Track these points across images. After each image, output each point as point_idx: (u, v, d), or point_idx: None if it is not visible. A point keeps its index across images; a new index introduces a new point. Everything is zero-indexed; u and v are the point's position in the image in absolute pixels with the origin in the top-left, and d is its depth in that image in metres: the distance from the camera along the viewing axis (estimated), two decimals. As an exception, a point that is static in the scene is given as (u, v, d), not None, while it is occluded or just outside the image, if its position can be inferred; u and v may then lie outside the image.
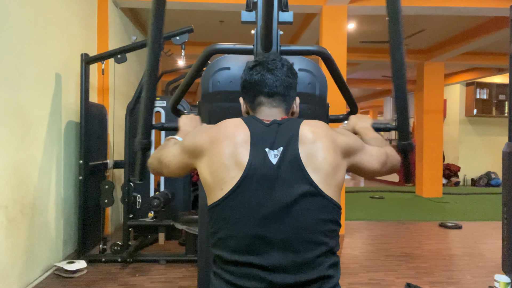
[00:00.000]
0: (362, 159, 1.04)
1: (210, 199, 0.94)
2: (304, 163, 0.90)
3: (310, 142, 0.93)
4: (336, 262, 0.94)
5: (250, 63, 1.08)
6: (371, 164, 1.05)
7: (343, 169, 0.98)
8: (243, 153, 0.91)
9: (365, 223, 5.09)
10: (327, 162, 0.92)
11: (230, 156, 0.91)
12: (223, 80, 1.36)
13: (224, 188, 0.90)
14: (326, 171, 0.91)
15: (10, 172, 2.49)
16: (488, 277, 3.07)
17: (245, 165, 0.90)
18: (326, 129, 0.98)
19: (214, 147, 0.94)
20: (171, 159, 1.06)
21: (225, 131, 0.96)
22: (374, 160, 1.06)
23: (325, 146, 0.93)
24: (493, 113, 9.91)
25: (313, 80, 1.38)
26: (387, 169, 1.11)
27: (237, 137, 0.93)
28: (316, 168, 0.90)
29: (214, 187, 0.92)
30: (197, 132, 1.03)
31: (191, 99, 12.59)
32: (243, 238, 0.89)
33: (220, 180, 0.91)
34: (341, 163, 0.97)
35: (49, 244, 3.06)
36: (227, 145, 0.92)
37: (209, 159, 0.94)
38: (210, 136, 0.97)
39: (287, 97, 1.06)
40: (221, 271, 0.93)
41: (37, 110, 2.88)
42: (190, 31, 3.36)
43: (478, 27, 5.74)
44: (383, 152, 1.10)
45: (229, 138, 0.93)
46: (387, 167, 1.10)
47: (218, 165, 0.92)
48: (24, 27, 2.65)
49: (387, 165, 1.10)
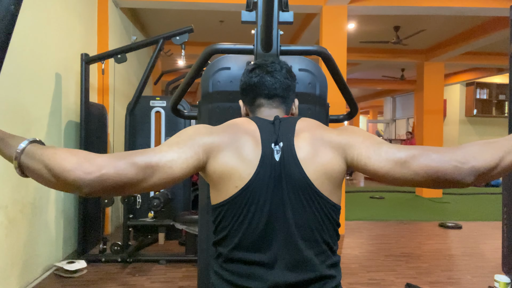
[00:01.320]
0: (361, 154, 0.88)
1: (220, 196, 0.92)
2: (300, 160, 0.90)
3: (304, 139, 0.92)
4: (337, 262, 0.94)
5: (250, 66, 1.09)
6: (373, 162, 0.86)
7: (340, 166, 0.91)
8: (256, 150, 0.90)
9: (365, 223, 5.09)
10: (322, 159, 0.90)
11: (248, 153, 0.90)
12: (223, 80, 1.36)
13: (238, 186, 0.88)
14: (321, 169, 0.90)
15: (10, 172, 2.49)
16: (488, 277, 3.07)
17: (258, 162, 0.89)
18: (322, 126, 0.98)
19: (231, 144, 0.91)
20: (175, 158, 0.85)
21: (241, 128, 0.95)
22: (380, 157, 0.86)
23: (319, 143, 0.92)
24: (493, 113, 9.91)
25: (313, 80, 1.38)
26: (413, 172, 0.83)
27: (252, 134, 0.93)
28: (311, 166, 0.90)
29: (228, 184, 0.89)
30: (211, 130, 0.95)
31: (191, 99, 12.60)
32: (249, 235, 0.89)
33: (236, 177, 0.88)
34: (338, 160, 0.92)
35: (49, 244, 3.06)
36: (245, 142, 0.91)
37: (224, 156, 0.90)
38: (230, 133, 0.93)
39: (286, 99, 1.07)
40: (222, 270, 0.93)
41: (37, 110, 2.88)
42: (190, 31, 3.36)
43: (478, 27, 5.75)
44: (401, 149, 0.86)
45: (246, 135, 0.92)
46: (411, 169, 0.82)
47: (237, 161, 0.89)
48: (24, 27, 2.65)
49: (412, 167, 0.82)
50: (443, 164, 0.80)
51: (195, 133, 0.92)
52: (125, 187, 0.79)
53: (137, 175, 0.80)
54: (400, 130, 13.49)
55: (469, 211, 5.99)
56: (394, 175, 0.84)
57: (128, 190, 0.81)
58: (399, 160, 0.84)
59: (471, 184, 0.82)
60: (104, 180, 0.76)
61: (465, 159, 0.80)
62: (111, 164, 0.78)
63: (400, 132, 13.52)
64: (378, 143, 0.89)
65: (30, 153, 0.78)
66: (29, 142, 0.80)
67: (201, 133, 0.92)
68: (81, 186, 0.75)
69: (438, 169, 0.81)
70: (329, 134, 0.94)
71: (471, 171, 0.80)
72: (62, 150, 0.79)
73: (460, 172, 0.80)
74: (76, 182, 0.75)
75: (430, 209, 6.17)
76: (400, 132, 13.52)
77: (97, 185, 0.76)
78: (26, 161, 0.79)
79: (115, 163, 0.78)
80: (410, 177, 0.83)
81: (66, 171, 0.75)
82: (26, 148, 0.79)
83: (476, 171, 0.80)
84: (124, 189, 0.80)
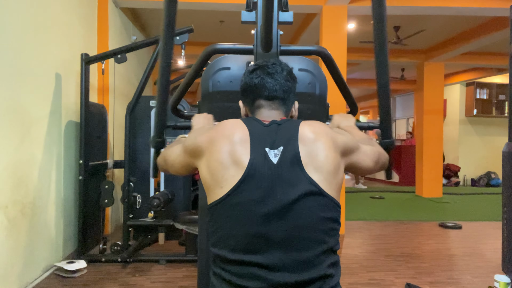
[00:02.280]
0: (359, 158, 1.05)
1: (210, 198, 0.95)
2: (304, 163, 0.91)
3: (310, 141, 0.94)
4: (336, 261, 0.94)
5: (251, 67, 1.10)
6: (366, 163, 1.07)
7: (343, 168, 1.00)
8: (242, 152, 0.92)
9: (365, 223, 5.09)
10: (328, 161, 0.93)
11: (229, 154, 0.92)
12: (223, 80, 1.36)
13: (224, 187, 0.91)
14: (327, 170, 0.92)
15: (10, 172, 2.49)
16: (488, 277, 3.07)
17: (246, 164, 0.90)
18: (326, 129, 0.99)
19: (213, 146, 0.95)
20: (175, 158, 1.10)
21: (223, 131, 0.97)
22: (369, 159, 1.08)
23: (325, 146, 0.94)
24: (493, 113, 9.91)
25: (313, 80, 1.38)
26: (379, 166, 1.14)
27: (236, 136, 0.94)
28: (317, 167, 0.91)
29: (213, 186, 0.93)
30: (198, 133, 1.05)
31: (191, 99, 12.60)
32: (244, 237, 0.89)
33: (219, 178, 0.92)
34: (341, 162, 0.98)
35: (49, 244, 3.06)
36: (225, 144, 0.94)
37: (208, 158, 0.96)
38: (209, 136, 0.98)
39: (287, 101, 1.08)
40: (221, 271, 0.93)
41: (37, 110, 2.88)
42: (190, 31, 3.36)
43: (478, 27, 5.75)
44: (375, 151, 1.12)
45: (227, 137, 0.95)
46: (379, 165, 1.13)
47: (216, 163, 0.93)
48: (24, 27, 2.65)
49: (379, 163, 1.13)
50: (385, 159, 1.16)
51: (190, 135, 1.08)
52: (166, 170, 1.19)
53: (165, 165, 1.18)
54: (400, 130, 13.49)
55: (469, 211, 5.99)
56: (371, 170, 1.11)
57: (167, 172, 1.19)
58: (377, 160, 1.11)
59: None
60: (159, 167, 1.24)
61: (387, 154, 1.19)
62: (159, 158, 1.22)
63: (400, 132, 13.51)
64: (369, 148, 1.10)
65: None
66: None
67: (191, 136, 1.06)
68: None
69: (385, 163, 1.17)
70: (332, 136, 0.98)
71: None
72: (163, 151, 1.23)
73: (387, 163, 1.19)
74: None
75: (430, 209, 6.17)
76: (400, 132, 13.51)
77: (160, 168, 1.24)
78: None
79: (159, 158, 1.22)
80: (377, 168, 1.13)
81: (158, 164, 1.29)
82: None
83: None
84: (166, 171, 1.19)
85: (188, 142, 1.04)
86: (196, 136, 1.03)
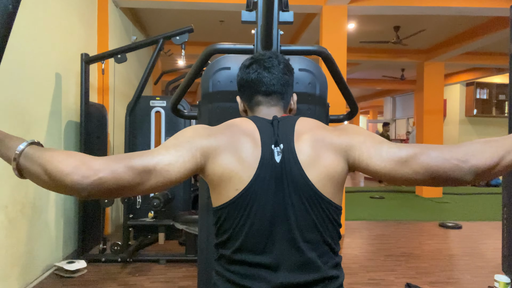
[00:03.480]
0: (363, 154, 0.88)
1: (221, 198, 0.91)
2: (302, 162, 0.89)
3: (305, 140, 0.91)
4: (339, 262, 0.94)
5: (246, 61, 1.06)
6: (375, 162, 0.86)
7: (342, 168, 0.91)
8: (256, 151, 0.89)
9: (365, 223, 5.09)
10: (323, 161, 0.89)
11: (243, 154, 0.89)
12: (223, 80, 1.36)
13: (238, 188, 0.88)
14: (323, 171, 0.89)
15: (10, 172, 2.49)
16: (488, 277, 3.07)
17: (257, 164, 0.88)
18: (320, 127, 0.96)
19: (227, 145, 0.90)
20: (173, 162, 0.84)
21: (236, 129, 0.93)
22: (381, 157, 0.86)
23: (320, 145, 0.90)
24: (493, 113, 9.91)
25: (313, 80, 1.38)
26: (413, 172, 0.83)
27: (251, 135, 0.91)
28: (313, 168, 0.89)
29: (228, 186, 0.88)
30: (209, 132, 0.94)
31: (191, 99, 12.60)
32: (251, 237, 0.88)
33: (236, 179, 0.87)
34: (341, 160, 0.91)
35: (49, 244, 3.06)
36: (239, 144, 0.90)
37: (222, 158, 0.89)
38: (228, 135, 0.92)
39: (285, 95, 1.05)
40: (224, 271, 0.92)
41: (37, 110, 2.88)
42: (190, 31, 3.36)
43: (478, 27, 5.75)
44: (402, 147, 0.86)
45: (245, 137, 0.91)
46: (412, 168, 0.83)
47: (230, 163, 0.88)
48: (24, 27, 2.65)
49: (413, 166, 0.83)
50: (443, 162, 0.80)
51: (193, 135, 0.91)
52: (123, 191, 0.80)
53: (135, 179, 0.79)
54: (400, 130, 13.50)
55: (469, 211, 5.99)
56: (395, 175, 0.85)
57: (125, 193, 0.81)
58: (400, 159, 0.84)
59: (471, 183, 0.83)
60: (101, 184, 0.76)
61: (465, 157, 0.80)
62: (108, 168, 0.77)
63: (400, 132, 13.52)
64: (378, 142, 0.89)
65: (29, 155, 0.78)
66: (28, 144, 0.79)
67: (199, 135, 0.91)
68: (78, 189, 0.75)
69: (439, 168, 0.81)
70: (330, 135, 0.93)
71: (471, 169, 0.80)
72: (60, 153, 0.79)
73: (460, 170, 0.80)
74: (73, 186, 0.75)
75: (430, 209, 6.16)
76: (400, 132, 13.52)
77: (95, 188, 0.76)
78: (24, 163, 0.78)
79: (112, 167, 0.78)
80: (411, 176, 0.83)
81: (63, 175, 0.75)
82: (25, 150, 0.78)
83: (476, 169, 0.80)
84: (122, 192, 0.80)
85: (201, 142, 0.89)
86: (210, 135, 0.92)
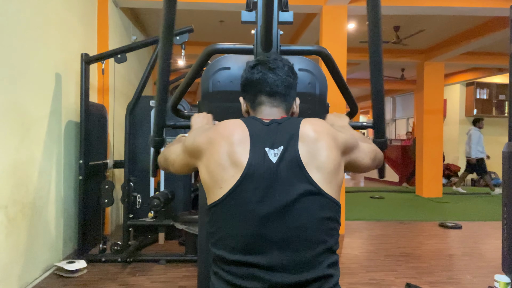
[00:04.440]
0: (358, 156, 1.06)
1: (209, 198, 0.95)
2: (305, 162, 0.90)
3: (311, 140, 0.93)
4: (336, 261, 0.94)
5: (252, 62, 1.08)
6: (364, 161, 1.08)
7: (343, 167, 1.00)
8: (241, 152, 0.91)
9: (365, 223, 5.09)
10: (329, 160, 0.92)
11: (228, 155, 0.92)
12: (223, 80, 1.36)
13: (223, 187, 0.90)
14: (328, 170, 0.92)
15: (10, 172, 2.49)
16: (488, 277, 3.07)
17: (244, 164, 0.90)
18: (327, 127, 0.98)
19: (212, 147, 0.95)
20: (175, 158, 1.11)
21: (223, 131, 0.96)
22: (367, 157, 1.10)
23: (327, 145, 0.94)
24: (493, 113, 9.91)
25: (313, 80, 1.38)
26: (375, 164, 1.16)
27: (235, 137, 0.94)
28: (317, 167, 0.91)
29: (213, 186, 0.93)
30: (197, 133, 1.04)
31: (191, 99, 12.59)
32: (243, 237, 0.89)
33: (218, 179, 0.91)
34: (341, 160, 0.98)
35: (49, 244, 3.06)
36: (224, 145, 0.93)
37: (207, 159, 0.95)
38: (208, 137, 0.98)
39: (288, 97, 1.06)
40: (221, 271, 0.93)
41: (37, 110, 2.88)
42: (190, 31, 3.36)
43: (478, 27, 5.75)
44: (372, 149, 1.14)
45: (226, 138, 0.94)
46: (376, 162, 1.16)
47: (215, 164, 0.93)
48: (24, 27, 2.65)
49: (376, 161, 1.15)
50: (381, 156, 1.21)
51: (189, 135, 1.07)
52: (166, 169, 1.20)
53: (165, 164, 1.19)
54: (400, 130, 13.49)
55: (469, 211, 5.99)
56: (369, 168, 1.12)
57: (167, 170, 1.19)
58: (373, 157, 1.13)
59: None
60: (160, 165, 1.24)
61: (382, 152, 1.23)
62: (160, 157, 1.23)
63: (400, 132, 13.51)
64: (367, 146, 1.12)
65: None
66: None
67: (191, 136, 1.05)
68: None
69: (381, 160, 1.21)
70: (334, 135, 0.97)
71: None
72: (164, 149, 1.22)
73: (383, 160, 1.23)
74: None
75: (430, 209, 6.17)
76: (400, 132, 13.51)
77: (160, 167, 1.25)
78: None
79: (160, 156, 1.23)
80: (373, 166, 1.15)
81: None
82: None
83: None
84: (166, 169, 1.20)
85: (187, 142, 1.04)
86: (195, 137, 1.02)
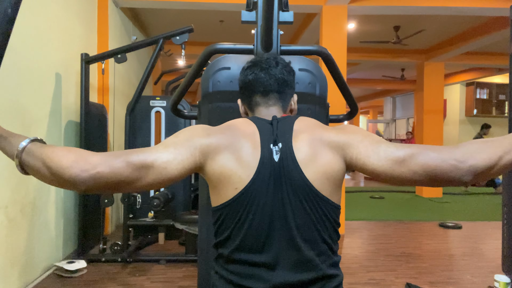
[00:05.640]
0: (360, 153, 0.88)
1: (220, 198, 0.91)
2: (300, 161, 0.89)
3: (303, 139, 0.92)
4: (337, 261, 0.94)
5: (246, 65, 1.08)
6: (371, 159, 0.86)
7: (340, 166, 0.91)
8: (256, 151, 0.90)
9: (365, 223, 5.09)
10: (321, 160, 0.90)
11: (242, 154, 0.90)
12: (223, 80, 1.36)
13: (238, 188, 0.88)
14: (321, 170, 0.89)
15: (10, 172, 2.49)
16: (488, 277, 3.07)
17: (257, 163, 0.89)
18: (318, 126, 0.97)
19: (228, 145, 0.90)
20: (170, 159, 0.85)
21: (237, 129, 0.94)
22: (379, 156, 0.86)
23: (318, 143, 0.91)
24: (493, 113, 9.91)
25: (313, 80, 1.38)
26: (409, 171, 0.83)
27: (251, 136, 0.92)
28: (310, 167, 0.89)
29: (227, 186, 0.89)
30: (209, 131, 0.94)
31: (191, 99, 12.60)
32: (250, 237, 0.89)
33: (236, 179, 0.88)
34: (338, 160, 0.91)
35: (49, 244, 3.06)
36: (239, 143, 0.91)
37: (221, 157, 0.89)
38: (228, 134, 0.92)
39: (283, 95, 1.05)
40: (223, 270, 0.92)
41: (37, 110, 2.88)
42: (190, 31, 3.36)
43: (478, 27, 5.75)
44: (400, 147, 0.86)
45: (245, 137, 0.92)
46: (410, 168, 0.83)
47: (230, 163, 0.89)
48: (24, 27, 2.65)
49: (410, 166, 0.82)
50: (441, 162, 0.81)
51: (193, 134, 0.92)
52: (120, 186, 0.82)
53: (132, 174, 0.82)
54: (400, 130, 13.50)
55: (469, 211, 5.99)
56: (393, 174, 0.85)
57: (122, 188, 0.83)
58: (397, 159, 0.84)
59: (470, 183, 0.83)
60: (99, 178, 0.78)
61: (463, 157, 0.80)
62: (106, 162, 0.80)
63: (400, 132, 13.52)
64: (376, 141, 0.89)
65: (31, 151, 0.82)
66: (30, 140, 0.84)
67: (199, 134, 0.92)
68: (76, 183, 0.78)
69: (436, 168, 0.81)
70: (327, 134, 0.93)
71: (469, 170, 0.80)
72: (60, 148, 0.82)
73: (458, 170, 0.80)
74: (72, 179, 0.78)
75: (430, 209, 6.16)
76: (400, 132, 13.52)
77: (92, 182, 0.78)
78: (26, 159, 0.82)
79: (110, 162, 0.80)
80: (409, 175, 0.83)
81: (62, 169, 0.78)
82: (27, 147, 0.83)
83: (475, 170, 0.80)
84: (119, 187, 0.82)
85: (200, 141, 0.90)
86: (210, 134, 0.93)
